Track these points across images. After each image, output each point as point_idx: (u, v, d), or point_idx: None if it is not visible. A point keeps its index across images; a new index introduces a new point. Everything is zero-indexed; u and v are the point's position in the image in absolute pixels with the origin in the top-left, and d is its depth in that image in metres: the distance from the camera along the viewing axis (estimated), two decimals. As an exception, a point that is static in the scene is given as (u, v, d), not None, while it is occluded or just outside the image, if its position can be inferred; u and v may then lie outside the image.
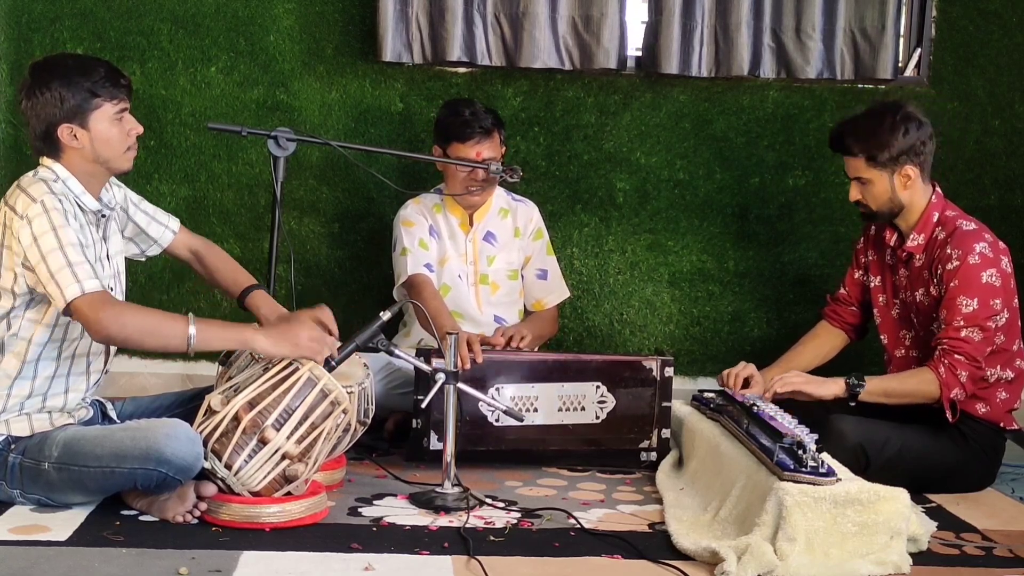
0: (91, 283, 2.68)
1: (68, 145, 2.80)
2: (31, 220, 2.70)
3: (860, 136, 3.28)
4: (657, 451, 3.42)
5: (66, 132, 2.79)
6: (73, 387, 2.89)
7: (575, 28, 4.10)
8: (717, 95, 4.23)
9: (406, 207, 3.80)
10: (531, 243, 3.87)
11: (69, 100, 2.77)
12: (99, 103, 2.79)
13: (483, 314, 3.77)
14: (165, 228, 3.13)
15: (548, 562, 2.59)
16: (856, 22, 4.16)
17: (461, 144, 3.64)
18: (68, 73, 2.78)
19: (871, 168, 3.29)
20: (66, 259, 2.67)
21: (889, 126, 3.26)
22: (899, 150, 3.26)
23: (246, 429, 2.70)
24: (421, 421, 3.28)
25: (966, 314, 3.19)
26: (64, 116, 2.78)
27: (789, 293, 4.32)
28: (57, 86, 2.77)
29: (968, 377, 3.18)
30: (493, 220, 3.81)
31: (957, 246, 3.23)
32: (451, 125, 3.67)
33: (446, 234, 3.77)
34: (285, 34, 4.14)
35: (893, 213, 3.34)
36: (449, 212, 3.78)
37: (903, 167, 3.28)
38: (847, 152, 3.32)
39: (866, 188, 3.32)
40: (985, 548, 2.83)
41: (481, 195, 3.70)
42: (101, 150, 2.82)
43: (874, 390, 3.20)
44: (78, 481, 2.74)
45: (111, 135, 2.82)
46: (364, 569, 2.49)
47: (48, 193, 2.74)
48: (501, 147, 3.72)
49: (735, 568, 2.50)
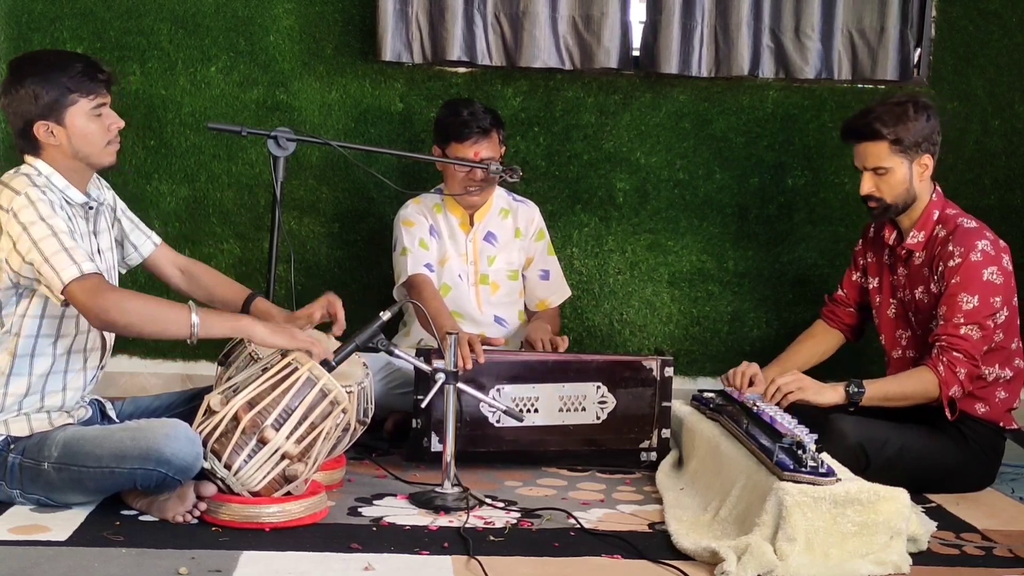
0: (88, 264, 2.66)
1: (46, 142, 2.79)
2: (17, 212, 2.68)
3: (888, 119, 3.26)
4: (657, 451, 3.42)
5: (42, 129, 2.77)
6: (70, 384, 2.88)
7: (575, 28, 4.10)
8: (717, 95, 4.23)
9: (406, 207, 3.80)
10: (533, 244, 3.87)
11: (43, 97, 2.75)
12: (75, 99, 2.77)
13: (483, 314, 3.77)
14: (147, 238, 3.12)
15: (548, 562, 2.59)
16: (855, 22, 4.16)
17: (459, 144, 3.64)
18: (43, 70, 2.76)
19: (894, 154, 3.28)
20: (60, 244, 2.65)
21: (913, 111, 3.27)
22: (922, 136, 3.27)
23: (246, 429, 2.70)
24: (421, 421, 3.28)
25: (966, 311, 3.19)
26: (39, 113, 2.76)
27: (788, 293, 4.32)
28: (31, 83, 2.75)
29: (966, 375, 3.18)
30: (494, 220, 3.82)
31: (959, 243, 3.23)
32: (450, 125, 3.67)
33: (446, 234, 3.78)
34: (285, 34, 4.14)
35: (906, 205, 3.33)
36: (449, 212, 3.78)
37: (922, 156, 3.29)
38: (873, 137, 3.28)
39: (883, 178, 3.30)
40: (985, 548, 2.83)
41: (480, 195, 3.71)
42: (80, 146, 2.80)
43: (874, 395, 3.20)
44: (78, 481, 2.74)
45: (89, 131, 2.80)
46: (364, 569, 2.49)
47: (31, 186, 2.72)
48: (500, 147, 3.72)
49: (735, 568, 2.50)
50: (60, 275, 2.64)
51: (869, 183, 3.32)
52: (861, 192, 3.35)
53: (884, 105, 3.31)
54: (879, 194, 3.32)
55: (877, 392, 3.20)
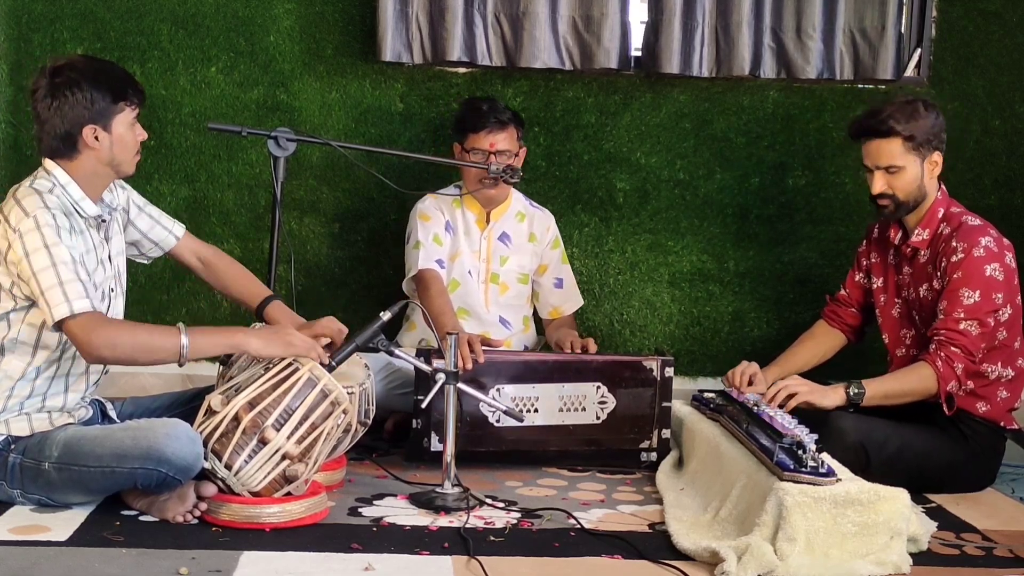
0: (80, 303, 2.68)
1: (89, 147, 2.82)
2: (23, 235, 2.70)
3: (901, 117, 3.27)
4: (657, 451, 3.43)
5: (90, 134, 2.81)
6: (73, 387, 2.89)
7: (575, 28, 4.10)
8: (717, 95, 4.23)
9: (424, 200, 3.80)
10: (549, 252, 3.89)
11: (99, 102, 2.80)
12: (122, 107, 2.84)
13: (489, 313, 3.77)
14: (168, 232, 3.14)
15: (548, 562, 2.59)
16: (856, 22, 4.16)
17: (475, 134, 3.67)
18: (97, 76, 2.81)
19: (907, 152, 3.28)
20: (57, 278, 2.67)
21: (923, 109, 3.29)
22: (932, 133, 3.29)
23: (246, 429, 2.70)
24: (421, 421, 3.28)
25: (967, 306, 3.19)
26: (92, 117, 2.80)
27: (789, 293, 4.32)
28: (88, 87, 2.79)
29: (963, 370, 3.18)
30: (509, 222, 3.83)
31: (962, 239, 3.23)
32: (467, 117, 3.73)
33: (462, 230, 3.78)
34: (285, 34, 4.14)
35: (917, 203, 3.33)
36: (467, 208, 3.80)
37: (933, 153, 3.30)
38: (887, 134, 3.27)
39: (896, 176, 3.30)
40: (985, 548, 2.83)
41: (497, 188, 3.71)
42: (117, 153, 2.85)
43: (874, 394, 3.19)
44: (78, 481, 2.74)
45: (127, 139, 2.86)
46: (364, 569, 2.49)
47: (42, 208, 2.73)
48: (518, 144, 3.74)
49: (735, 568, 2.50)
50: (52, 312, 2.67)
51: (881, 182, 3.31)
52: (873, 191, 3.33)
53: (893, 104, 3.32)
54: (891, 191, 3.31)
55: (877, 391, 3.20)
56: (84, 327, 2.68)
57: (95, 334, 2.68)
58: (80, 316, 2.67)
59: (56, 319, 2.67)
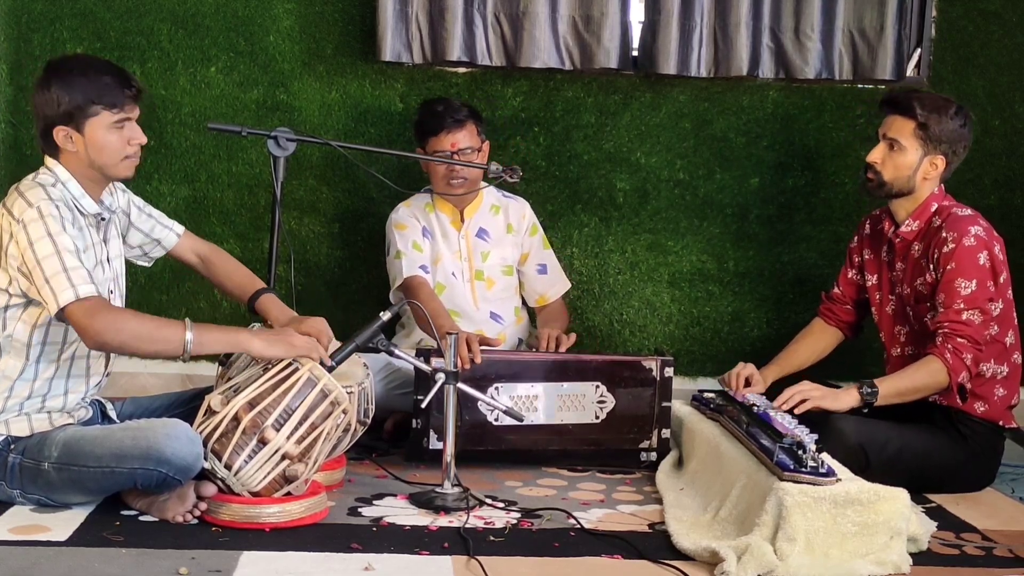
0: (86, 288, 2.67)
1: (64, 147, 2.80)
2: (27, 225, 2.70)
3: (927, 104, 3.29)
4: (657, 451, 3.43)
5: (61, 134, 2.78)
6: (73, 389, 2.89)
7: (575, 28, 4.10)
8: (717, 95, 4.23)
9: (397, 211, 3.81)
10: (527, 239, 3.88)
11: (65, 103, 2.76)
12: (97, 110, 2.77)
13: (479, 311, 3.77)
14: (169, 231, 3.14)
15: (548, 562, 2.59)
16: (855, 22, 4.15)
17: (435, 137, 3.68)
18: (71, 76, 2.77)
19: (914, 138, 3.29)
20: (62, 264, 2.67)
21: (954, 111, 3.31)
22: (947, 135, 3.29)
23: (246, 429, 2.70)
24: (421, 421, 3.28)
25: (965, 296, 3.18)
26: (60, 118, 2.77)
27: (789, 293, 4.32)
28: (56, 87, 2.76)
29: (972, 359, 3.17)
30: (484, 216, 3.82)
31: (952, 229, 3.24)
32: (425, 121, 3.74)
33: (439, 233, 3.78)
34: (285, 34, 4.14)
35: (900, 193, 3.33)
36: (440, 210, 3.79)
37: (937, 154, 3.30)
38: (905, 112, 3.30)
39: (893, 153, 3.31)
40: (985, 548, 2.83)
41: (465, 186, 3.70)
42: (95, 156, 2.80)
43: (887, 393, 3.18)
44: (78, 481, 2.74)
45: (107, 143, 2.80)
46: (364, 569, 2.49)
47: (45, 199, 2.73)
48: (480, 139, 3.74)
49: (735, 568, 2.50)
50: (57, 297, 2.66)
51: (879, 152, 3.34)
52: (868, 158, 3.36)
53: (932, 94, 3.41)
54: (880, 167, 3.32)
55: (890, 389, 3.19)
56: (88, 311, 2.66)
57: (99, 317, 2.66)
58: (85, 300, 2.66)
59: (61, 304, 2.65)
